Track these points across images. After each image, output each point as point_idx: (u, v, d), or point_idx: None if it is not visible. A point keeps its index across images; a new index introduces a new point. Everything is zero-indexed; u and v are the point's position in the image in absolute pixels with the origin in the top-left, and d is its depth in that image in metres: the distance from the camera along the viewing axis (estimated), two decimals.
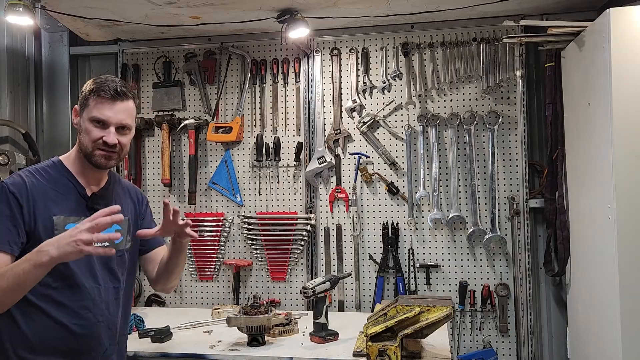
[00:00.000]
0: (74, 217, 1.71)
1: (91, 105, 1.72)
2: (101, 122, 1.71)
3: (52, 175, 1.74)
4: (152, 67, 3.29)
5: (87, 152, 1.73)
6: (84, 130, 1.73)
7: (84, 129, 1.73)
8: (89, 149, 1.72)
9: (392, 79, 3.03)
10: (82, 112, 1.74)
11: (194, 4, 2.63)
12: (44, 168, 1.76)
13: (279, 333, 2.42)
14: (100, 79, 1.75)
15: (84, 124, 1.73)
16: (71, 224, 1.68)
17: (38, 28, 3.25)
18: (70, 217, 1.71)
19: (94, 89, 1.72)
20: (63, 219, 1.69)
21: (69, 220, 1.70)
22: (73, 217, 1.71)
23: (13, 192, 1.64)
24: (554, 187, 2.79)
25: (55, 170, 1.76)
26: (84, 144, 1.73)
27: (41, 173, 1.73)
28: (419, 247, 2.99)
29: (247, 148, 3.18)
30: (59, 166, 1.77)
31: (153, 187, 3.27)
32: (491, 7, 2.71)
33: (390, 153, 3.02)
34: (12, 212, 1.62)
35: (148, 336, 2.41)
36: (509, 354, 2.90)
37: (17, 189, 1.65)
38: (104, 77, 1.76)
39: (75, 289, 1.69)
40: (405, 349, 2.11)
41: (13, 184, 1.66)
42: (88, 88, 1.74)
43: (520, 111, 2.91)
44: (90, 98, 1.72)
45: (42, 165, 1.77)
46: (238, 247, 3.18)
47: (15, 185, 1.66)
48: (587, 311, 2.47)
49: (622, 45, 2.07)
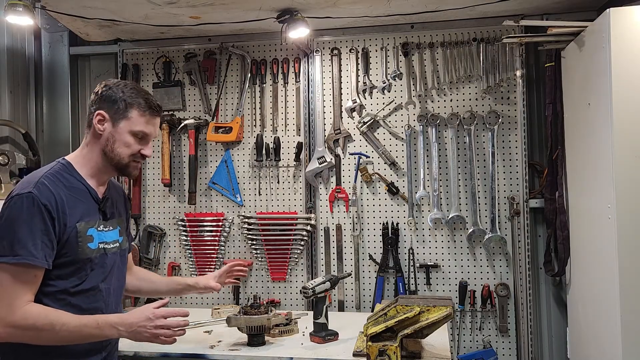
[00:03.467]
0: (92, 221, 1.72)
1: (134, 118, 1.72)
2: (142, 136, 1.74)
3: (68, 179, 1.71)
4: (152, 67, 3.29)
5: (123, 163, 1.73)
6: (121, 141, 1.72)
7: (121, 140, 1.72)
8: (125, 161, 1.73)
9: (392, 79, 3.03)
10: (119, 122, 1.71)
11: (194, 4, 2.63)
12: (60, 173, 1.70)
13: (279, 333, 2.42)
14: (135, 89, 1.75)
15: (122, 136, 1.72)
16: (91, 229, 1.70)
17: (38, 28, 3.25)
18: (89, 221, 1.71)
19: (137, 102, 1.72)
20: (84, 225, 1.69)
21: (89, 225, 1.70)
22: (91, 221, 1.72)
23: (45, 204, 1.59)
24: (554, 187, 2.79)
25: (68, 173, 1.72)
26: (119, 154, 1.72)
27: (59, 179, 1.68)
28: (419, 247, 2.99)
29: (247, 148, 3.18)
30: (70, 169, 1.73)
31: (153, 187, 3.27)
32: (491, 7, 2.71)
33: (390, 153, 3.02)
34: (46, 225, 1.59)
35: None
36: (509, 354, 2.90)
37: (48, 201, 1.60)
38: (136, 88, 1.77)
39: (91, 292, 1.71)
40: (405, 349, 2.11)
41: (43, 195, 1.60)
42: (128, 99, 1.72)
43: (520, 111, 2.91)
44: (134, 111, 1.72)
45: (55, 169, 1.71)
46: (238, 247, 3.18)
47: (45, 196, 1.60)
48: (587, 311, 2.47)
49: (622, 45, 2.07)
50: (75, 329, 1.58)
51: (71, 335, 1.59)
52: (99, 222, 1.75)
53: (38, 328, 1.55)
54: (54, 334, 1.56)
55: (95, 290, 1.71)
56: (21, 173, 3.04)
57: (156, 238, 3.23)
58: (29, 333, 1.56)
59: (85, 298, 1.69)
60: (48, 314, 1.58)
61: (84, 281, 1.68)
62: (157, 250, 3.23)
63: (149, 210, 3.27)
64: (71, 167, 1.74)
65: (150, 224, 3.24)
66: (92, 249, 1.70)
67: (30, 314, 1.56)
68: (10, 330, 1.55)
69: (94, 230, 1.71)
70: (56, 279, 1.63)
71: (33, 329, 1.55)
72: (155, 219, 3.26)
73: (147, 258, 3.19)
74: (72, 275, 1.65)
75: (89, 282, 1.69)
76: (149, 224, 3.24)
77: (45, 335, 1.57)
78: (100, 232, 1.74)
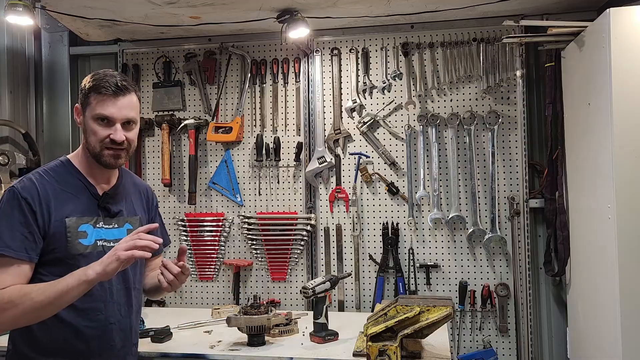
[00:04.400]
0: (87, 217, 1.69)
1: (93, 103, 1.65)
2: (106, 120, 1.66)
3: (62, 175, 1.70)
4: (152, 67, 3.29)
5: (95, 152, 1.68)
6: (89, 130, 1.67)
7: (89, 129, 1.67)
8: (97, 149, 1.67)
9: (392, 79, 3.03)
10: (85, 110, 1.68)
11: (194, 4, 2.63)
12: (53, 169, 1.71)
13: (279, 333, 2.42)
14: (98, 74, 1.69)
15: (88, 124, 1.67)
16: (85, 225, 1.68)
17: (38, 28, 3.25)
18: (83, 217, 1.69)
19: (93, 86, 1.66)
20: (76, 220, 1.67)
21: (82, 221, 1.68)
22: (86, 217, 1.69)
23: (25, 197, 1.59)
24: (554, 187, 2.79)
25: (64, 170, 1.71)
26: (91, 144, 1.68)
27: (50, 174, 1.68)
28: (419, 247, 2.99)
29: (247, 148, 3.18)
30: (67, 166, 1.73)
31: (153, 187, 3.26)
32: (491, 7, 2.71)
33: (390, 153, 3.02)
34: (25, 218, 1.58)
35: (148, 336, 2.41)
36: (509, 354, 2.90)
37: (29, 194, 1.60)
38: (102, 72, 1.69)
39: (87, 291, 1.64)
40: (405, 349, 2.11)
41: (24, 189, 1.60)
42: (87, 85, 1.68)
43: (520, 111, 2.91)
44: (91, 95, 1.66)
45: (51, 165, 1.72)
46: (238, 247, 3.18)
47: (27, 190, 1.60)
48: (587, 311, 2.47)
49: (622, 45, 2.07)
50: (49, 286, 1.53)
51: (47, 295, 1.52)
52: (97, 218, 1.72)
53: (16, 303, 1.51)
54: (31, 300, 1.51)
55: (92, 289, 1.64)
56: (21, 173, 3.04)
57: None
58: (11, 312, 1.52)
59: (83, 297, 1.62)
60: (22, 287, 1.55)
61: None
62: None
63: None
64: (70, 164, 1.73)
65: None
66: (84, 245, 1.67)
67: (7, 294, 1.52)
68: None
69: (88, 226, 1.68)
70: (50, 275, 1.61)
71: (12, 306, 1.51)
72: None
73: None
74: (65, 272, 1.60)
75: None
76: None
77: (25, 307, 1.51)
78: (98, 229, 1.71)
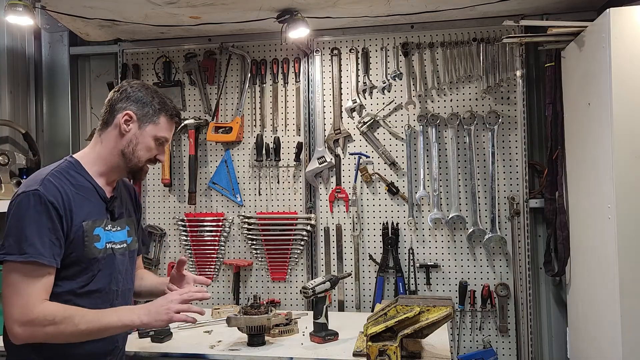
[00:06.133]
0: (99, 220, 1.70)
1: (161, 124, 1.75)
2: (163, 142, 1.76)
3: (76, 177, 1.69)
4: (152, 67, 3.29)
5: (138, 166, 1.74)
6: (143, 144, 1.73)
7: (143, 143, 1.73)
8: (141, 164, 1.74)
9: (392, 79, 3.03)
10: (146, 125, 1.73)
11: (194, 4, 2.63)
12: (66, 170, 1.68)
13: (279, 333, 2.42)
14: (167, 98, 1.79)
15: (146, 139, 1.73)
16: (98, 228, 1.69)
17: (38, 28, 3.25)
18: (96, 220, 1.69)
19: (164, 108, 1.75)
20: (91, 224, 1.67)
21: (96, 225, 1.68)
22: (98, 220, 1.70)
23: (52, 201, 1.57)
24: (554, 187, 2.79)
25: (76, 172, 1.70)
26: (139, 157, 1.73)
27: (65, 177, 1.66)
28: (419, 247, 2.99)
29: (247, 148, 3.18)
30: (78, 167, 1.71)
31: (153, 187, 3.27)
32: (491, 7, 2.71)
33: (390, 153, 3.02)
34: (53, 223, 1.57)
35: (148, 336, 2.41)
36: (509, 354, 2.90)
37: (55, 198, 1.58)
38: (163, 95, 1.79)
39: (97, 294, 1.68)
40: (405, 349, 2.11)
41: (49, 193, 1.58)
42: (156, 104, 1.74)
43: (520, 111, 2.91)
44: (162, 116, 1.74)
45: (63, 166, 1.69)
46: (238, 247, 3.18)
47: (52, 193, 1.58)
48: (587, 311, 2.47)
49: (622, 45, 2.07)
50: (94, 318, 1.57)
51: (90, 327, 1.56)
52: (106, 221, 1.73)
53: (57, 322, 1.53)
54: (74, 326, 1.54)
55: (102, 292, 1.68)
56: (21, 173, 3.05)
57: (156, 238, 3.23)
58: (49, 329, 1.53)
59: (92, 300, 1.65)
60: (66, 308, 1.57)
61: (91, 282, 1.65)
62: (157, 251, 3.23)
63: (149, 210, 3.27)
64: (79, 165, 1.72)
65: (150, 224, 3.24)
66: (98, 249, 1.68)
67: (49, 310, 1.53)
68: (30, 329, 1.52)
69: (100, 229, 1.69)
70: (62, 280, 1.61)
71: (52, 324, 1.52)
72: (155, 219, 3.26)
73: (147, 258, 3.19)
74: (78, 276, 1.63)
75: (96, 283, 1.67)
76: (149, 224, 3.24)
77: (65, 329, 1.54)
78: (107, 232, 1.72)
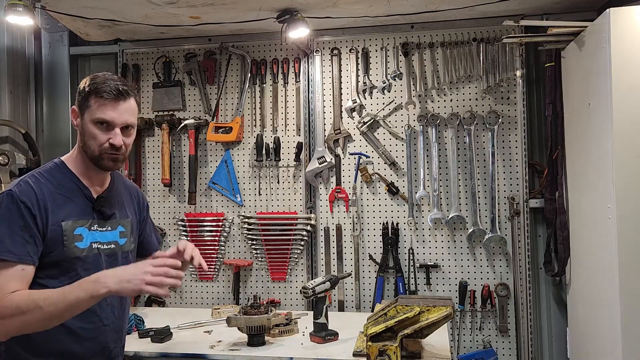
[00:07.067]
0: (82, 220, 1.69)
1: (93, 107, 1.64)
2: (106, 124, 1.65)
3: (57, 178, 1.69)
4: (152, 67, 3.29)
5: (94, 156, 1.67)
6: (88, 133, 1.66)
7: (87, 132, 1.66)
8: (96, 153, 1.67)
9: (392, 79, 3.03)
10: (83, 113, 1.67)
11: (194, 4, 2.63)
12: (48, 171, 1.69)
13: (279, 333, 2.42)
14: (98, 77, 1.68)
15: (87, 127, 1.66)
16: (80, 228, 1.68)
17: (38, 28, 3.25)
18: (78, 220, 1.68)
19: (94, 89, 1.65)
20: (72, 224, 1.66)
21: (77, 224, 1.67)
22: (81, 220, 1.69)
23: (24, 201, 1.57)
24: (554, 187, 2.79)
25: (59, 172, 1.70)
26: (90, 147, 1.67)
27: (46, 177, 1.67)
28: (419, 247, 2.99)
29: (247, 148, 3.18)
30: (62, 168, 1.71)
31: (153, 187, 3.27)
32: (491, 7, 2.71)
33: (390, 153, 3.02)
34: (25, 222, 1.57)
35: (148, 336, 2.41)
36: (509, 354, 2.90)
37: (28, 198, 1.58)
38: (102, 76, 1.68)
39: None
40: (405, 349, 2.11)
41: (22, 193, 1.59)
42: (87, 88, 1.66)
43: (520, 111, 2.91)
44: (91, 99, 1.65)
45: (46, 167, 1.71)
46: (238, 247, 3.18)
47: (25, 193, 1.59)
48: (587, 311, 2.47)
49: (622, 45, 2.07)
50: (59, 297, 1.52)
51: (58, 307, 1.51)
52: (92, 221, 1.72)
53: (23, 310, 1.50)
54: (41, 311, 1.50)
55: None
56: (21, 173, 3.04)
57: None
58: (17, 319, 1.50)
59: None
60: (30, 293, 1.54)
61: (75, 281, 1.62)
62: None
63: None
64: (64, 166, 1.72)
65: None
66: (80, 248, 1.67)
67: (14, 300, 1.51)
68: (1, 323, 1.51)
69: (83, 229, 1.68)
70: (46, 278, 1.61)
71: (20, 314, 1.50)
72: (155, 219, 3.25)
73: None
74: (62, 275, 1.62)
75: None
76: None
77: (33, 316, 1.50)
78: (93, 232, 1.71)
